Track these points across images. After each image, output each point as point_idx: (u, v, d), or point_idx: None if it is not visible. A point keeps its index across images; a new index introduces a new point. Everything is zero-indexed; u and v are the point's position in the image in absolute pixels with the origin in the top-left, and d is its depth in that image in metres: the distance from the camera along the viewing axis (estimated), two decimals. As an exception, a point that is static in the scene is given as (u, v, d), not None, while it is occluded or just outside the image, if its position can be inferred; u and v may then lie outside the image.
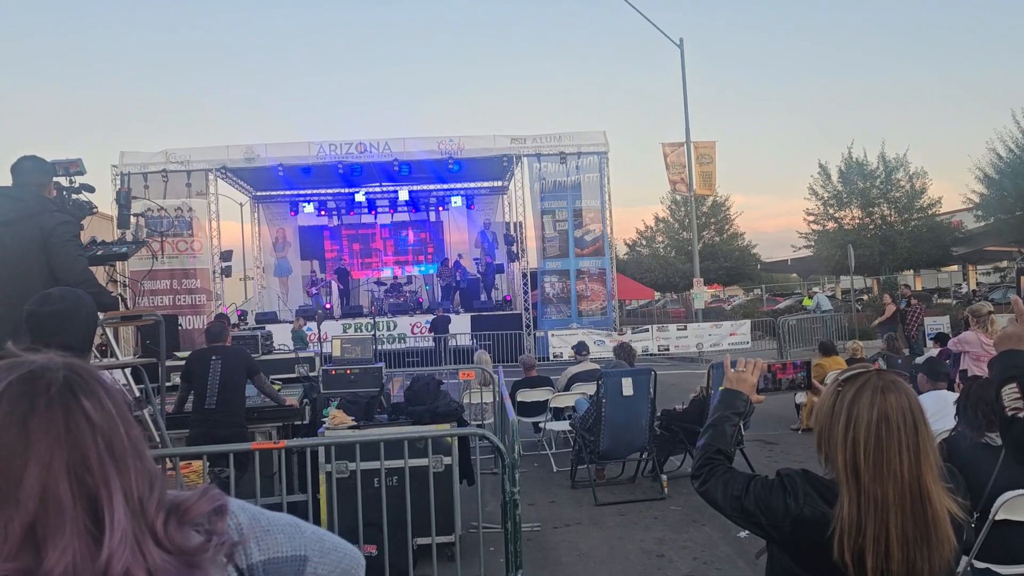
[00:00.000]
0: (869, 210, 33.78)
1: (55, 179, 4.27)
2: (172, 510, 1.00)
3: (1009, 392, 2.34)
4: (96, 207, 4.56)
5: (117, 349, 5.73)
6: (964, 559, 3.51)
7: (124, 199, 5.49)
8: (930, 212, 33.92)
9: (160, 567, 0.92)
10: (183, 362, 6.62)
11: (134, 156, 21.52)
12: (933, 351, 10.84)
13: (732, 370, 2.26)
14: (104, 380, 1.01)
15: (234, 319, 20.14)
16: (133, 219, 5.25)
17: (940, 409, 4.97)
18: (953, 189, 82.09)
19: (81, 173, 4.35)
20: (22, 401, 0.92)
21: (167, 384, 5.59)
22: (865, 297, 32.65)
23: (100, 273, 4.57)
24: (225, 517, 1.05)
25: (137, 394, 4.85)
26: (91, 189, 4.41)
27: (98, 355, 5.28)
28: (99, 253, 4.38)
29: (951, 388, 6.20)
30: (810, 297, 27.39)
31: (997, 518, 3.58)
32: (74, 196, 4.32)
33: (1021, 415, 2.32)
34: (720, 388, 2.25)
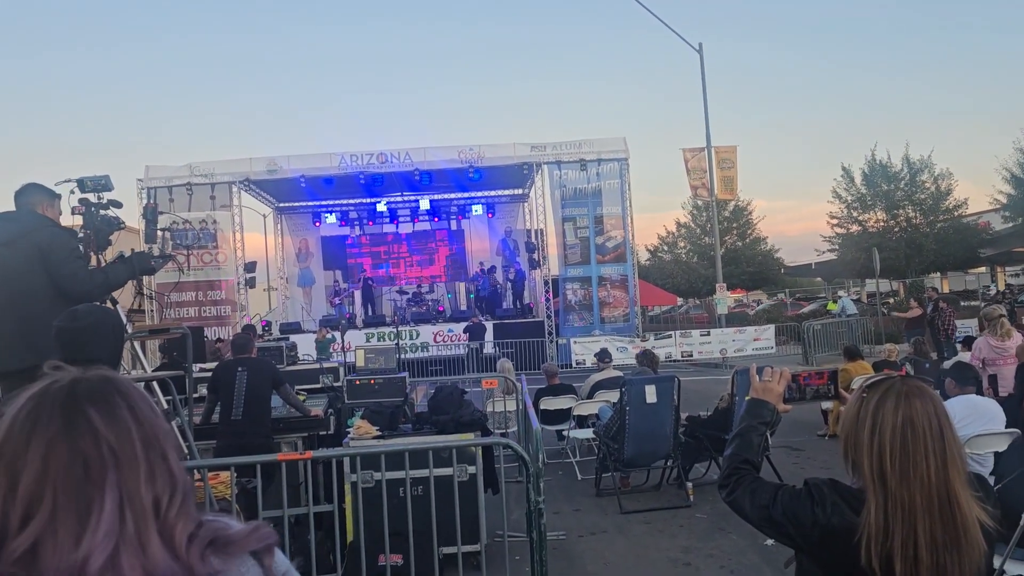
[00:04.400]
0: (894, 212, 33.35)
1: (83, 196, 4.36)
2: (216, 539, 1.07)
3: None
4: (124, 222, 4.64)
5: (144, 361, 5.81)
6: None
7: (151, 214, 5.58)
8: (956, 213, 33.41)
9: (160, 567, 0.99)
10: (209, 373, 6.69)
11: (159, 170, 21.90)
12: (963, 355, 10.69)
13: (758, 380, 2.24)
14: (125, 389, 1.09)
15: (259, 330, 20.34)
16: (159, 233, 5.32)
17: (969, 415, 4.92)
18: (980, 190, 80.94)
19: (108, 189, 4.43)
20: (32, 414, 1.03)
21: (194, 396, 5.65)
22: (891, 300, 32.28)
23: (129, 287, 4.64)
24: (272, 554, 1.14)
25: (165, 406, 4.92)
26: (119, 205, 4.50)
27: (127, 368, 5.35)
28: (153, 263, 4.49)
29: (980, 392, 6.10)
30: (835, 301, 27.13)
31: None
32: (102, 212, 4.40)
33: None
34: (747, 398, 2.24)
